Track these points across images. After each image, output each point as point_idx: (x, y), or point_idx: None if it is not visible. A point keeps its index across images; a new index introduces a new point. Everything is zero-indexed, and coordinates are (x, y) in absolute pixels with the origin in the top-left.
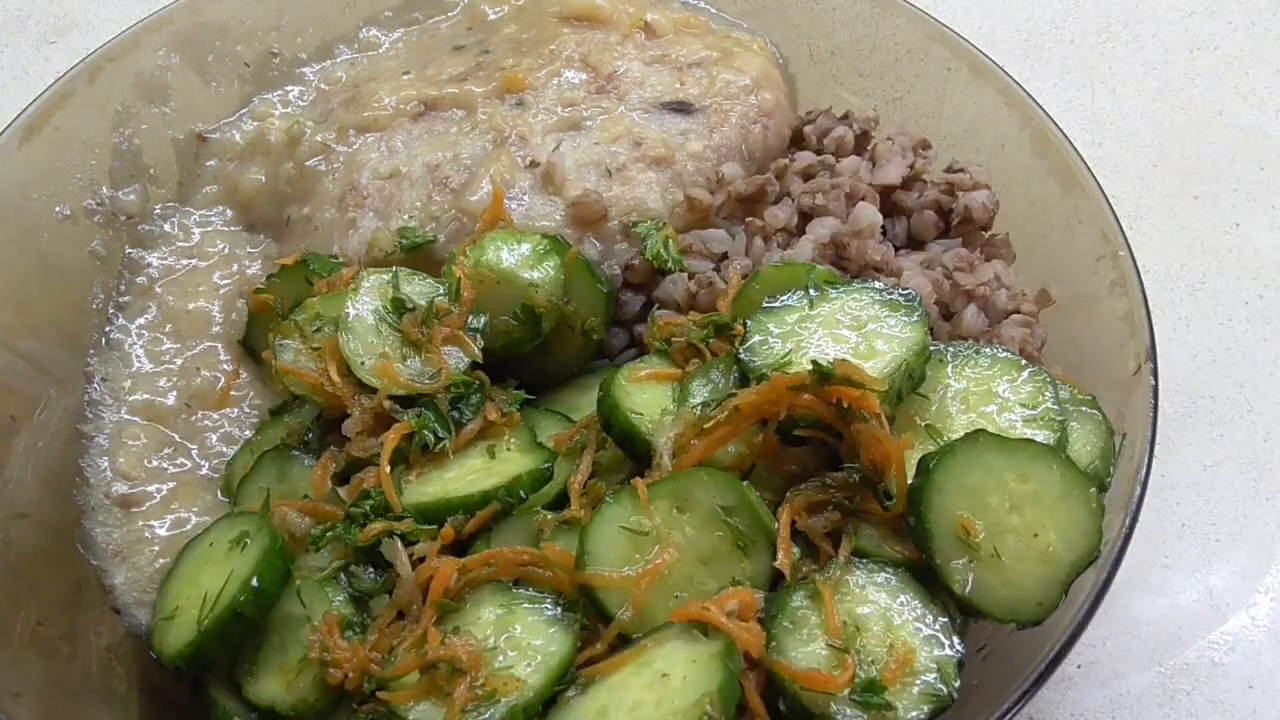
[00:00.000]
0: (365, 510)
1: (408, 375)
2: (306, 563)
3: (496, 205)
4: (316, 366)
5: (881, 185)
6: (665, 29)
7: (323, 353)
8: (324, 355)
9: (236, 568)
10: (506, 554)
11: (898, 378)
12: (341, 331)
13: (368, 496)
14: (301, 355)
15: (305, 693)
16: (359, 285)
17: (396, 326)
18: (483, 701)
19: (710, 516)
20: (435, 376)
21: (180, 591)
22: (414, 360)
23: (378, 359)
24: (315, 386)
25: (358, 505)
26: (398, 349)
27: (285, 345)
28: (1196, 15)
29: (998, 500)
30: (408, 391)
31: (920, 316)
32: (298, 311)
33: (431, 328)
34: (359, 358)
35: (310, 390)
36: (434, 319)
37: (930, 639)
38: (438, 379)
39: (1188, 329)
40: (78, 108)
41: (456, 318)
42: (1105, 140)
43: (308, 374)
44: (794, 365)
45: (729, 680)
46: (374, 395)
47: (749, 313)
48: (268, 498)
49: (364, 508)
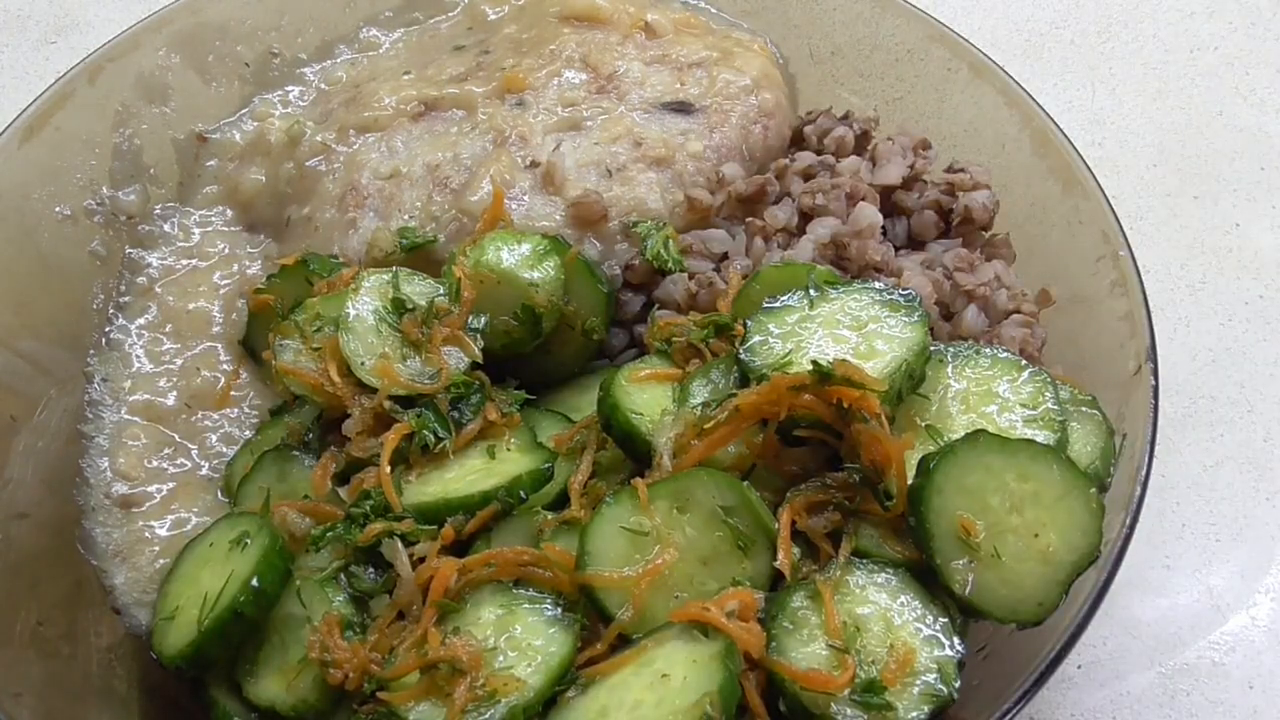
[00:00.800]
0: (365, 510)
1: (408, 375)
2: (306, 563)
3: (497, 205)
4: (317, 367)
5: (882, 185)
6: (665, 29)
7: (323, 353)
8: (324, 355)
9: (237, 568)
10: (507, 554)
11: (898, 378)
12: (341, 332)
13: (368, 497)
14: (301, 355)
15: (305, 693)
16: (359, 285)
17: (397, 327)
18: (483, 702)
19: (710, 517)
20: (435, 377)
21: (180, 592)
22: (414, 360)
23: (378, 359)
24: (315, 386)
25: (358, 505)
26: (398, 349)
27: (285, 345)
28: (1196, 15)
29: (998, 500)
30: (408, 392)
31: (920, 317)
32: (298, 311)
33: (431, 328)
34: (359, 358)
35: (310, 390)
36: (434, 319)
37: (930, 639)
38: (438, 379)
39: (1188, 329)
40: (78, 108)
41: (456, 318)
42: (1105, 140)
43: (308, 374)
44: (794, 365)
45: (729, 680)
46: (374, 395)
47: (749, 313)
48: (268, 498)
49: (364, 508)
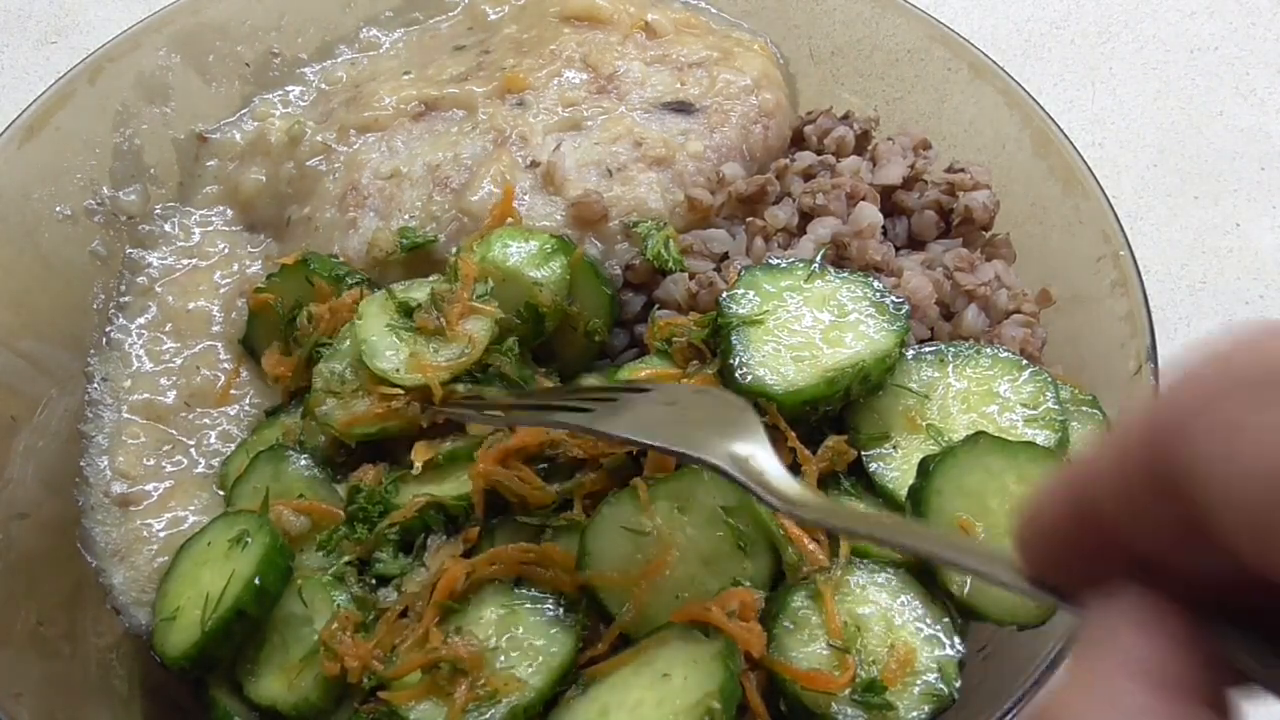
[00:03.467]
0: (365, 507)
1: (445, 359)
2: (304, 561)
3: (506, 202)
4: (368, 406)
5: (882, 185)
6: (666, 29)
7: (364, 387)
8: (367, 389)
9: (238, 567)
10: (510, 551)
11: (849, 376)
12: (367, 358)
13: (359, 492)
14: (344, 405)
15: (307, 692)
16: (362, 313)
17: (412, 328)
18: (484, 701)
19: (711, 517)
20: (468, 347)
21: (180, 592)
22: (443, 349)
23: (409, 359)
24: (385, 416)
25: (359, 505)
26: (424, 346)
27: (327, 409)
28: (1196, 15)
29: (998, 503)
30: (452, 374)
31: (901, 328)
32: (315, 379)
33: (443, 310)
34: (393, 368)
35: (383, 423)
36: (442, 303)
37: (931, 639)
38: (471, 349)
39: (1188, 329)
40: (78, 108)
41: (462, 290)
42: (1105, 140)
43: (369, 414)
44: (764, 324)
45: (730, 680)
46: (430, 402)
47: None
48: (266, 495)
49: (361, 503)
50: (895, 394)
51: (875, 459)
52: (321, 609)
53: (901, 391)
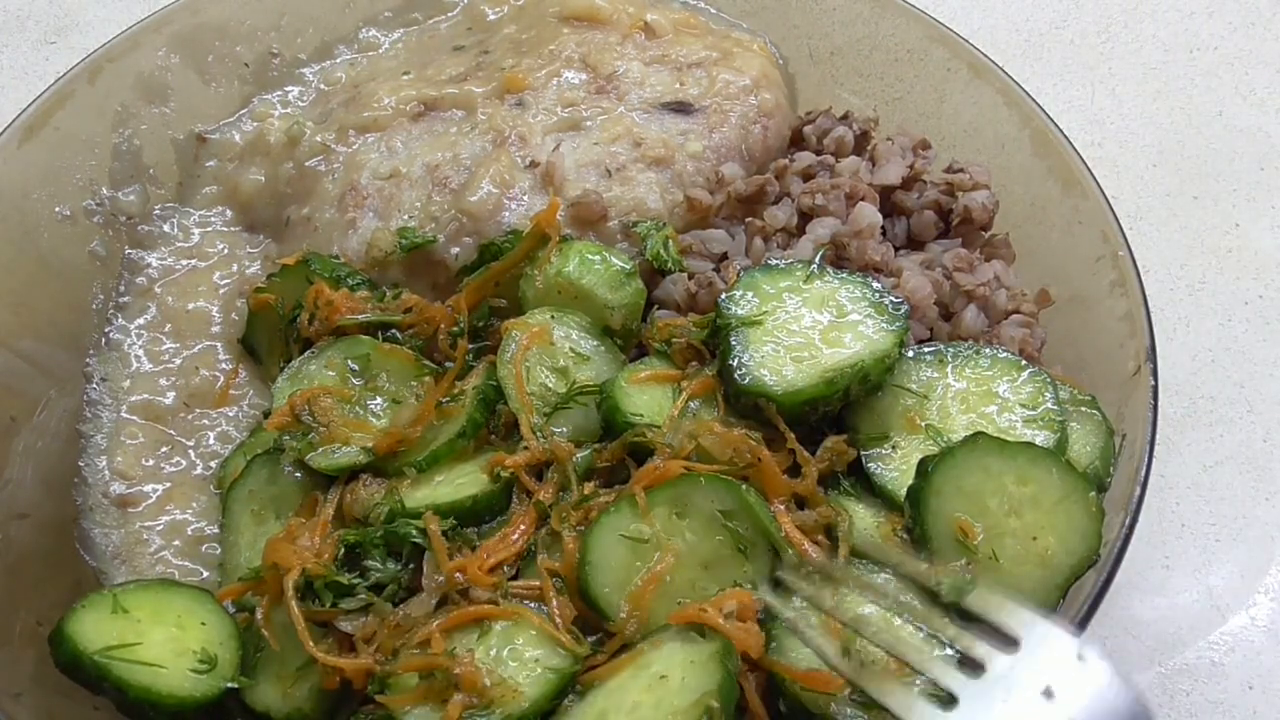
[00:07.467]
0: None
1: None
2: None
3: (550, 213)
4: (377, 430)
5: (881, 185)
6: (665, 29)
7: (357, 411)
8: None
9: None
10: (517, 587)
11: (849, 376)
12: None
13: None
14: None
15: (300, 701)
16: (319, 353)
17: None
18: (478, 710)
19: (710, 521)
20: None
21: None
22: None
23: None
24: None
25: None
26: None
27: (336, 452)
28: (1196, 15)
29: (996, 503)
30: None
31: (899, 328)
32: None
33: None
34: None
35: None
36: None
37: (930, 639)
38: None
39: (1188, 329)
40: (78, 108)
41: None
42: (1105, 140)
43: (393, 432)
44: (763, 325)
45: (727, 680)
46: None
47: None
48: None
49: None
50: (894, 394)
51: (874, 459)
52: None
53: (901, 392)
